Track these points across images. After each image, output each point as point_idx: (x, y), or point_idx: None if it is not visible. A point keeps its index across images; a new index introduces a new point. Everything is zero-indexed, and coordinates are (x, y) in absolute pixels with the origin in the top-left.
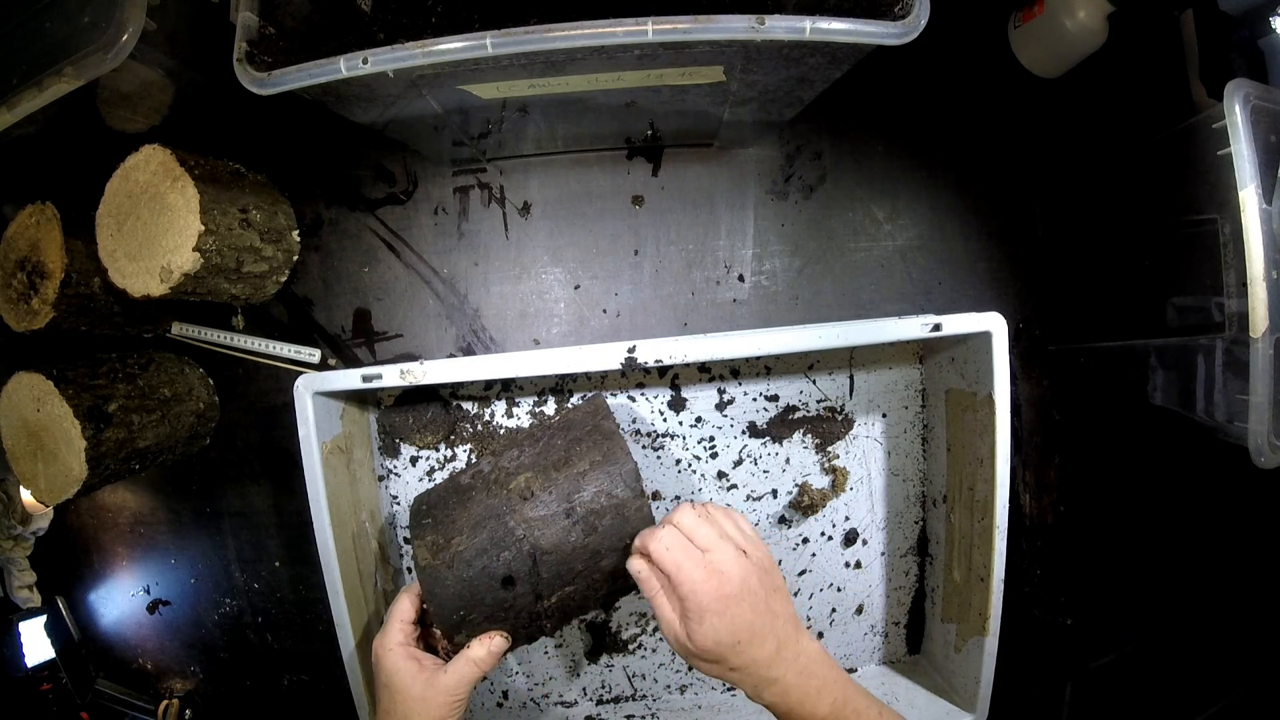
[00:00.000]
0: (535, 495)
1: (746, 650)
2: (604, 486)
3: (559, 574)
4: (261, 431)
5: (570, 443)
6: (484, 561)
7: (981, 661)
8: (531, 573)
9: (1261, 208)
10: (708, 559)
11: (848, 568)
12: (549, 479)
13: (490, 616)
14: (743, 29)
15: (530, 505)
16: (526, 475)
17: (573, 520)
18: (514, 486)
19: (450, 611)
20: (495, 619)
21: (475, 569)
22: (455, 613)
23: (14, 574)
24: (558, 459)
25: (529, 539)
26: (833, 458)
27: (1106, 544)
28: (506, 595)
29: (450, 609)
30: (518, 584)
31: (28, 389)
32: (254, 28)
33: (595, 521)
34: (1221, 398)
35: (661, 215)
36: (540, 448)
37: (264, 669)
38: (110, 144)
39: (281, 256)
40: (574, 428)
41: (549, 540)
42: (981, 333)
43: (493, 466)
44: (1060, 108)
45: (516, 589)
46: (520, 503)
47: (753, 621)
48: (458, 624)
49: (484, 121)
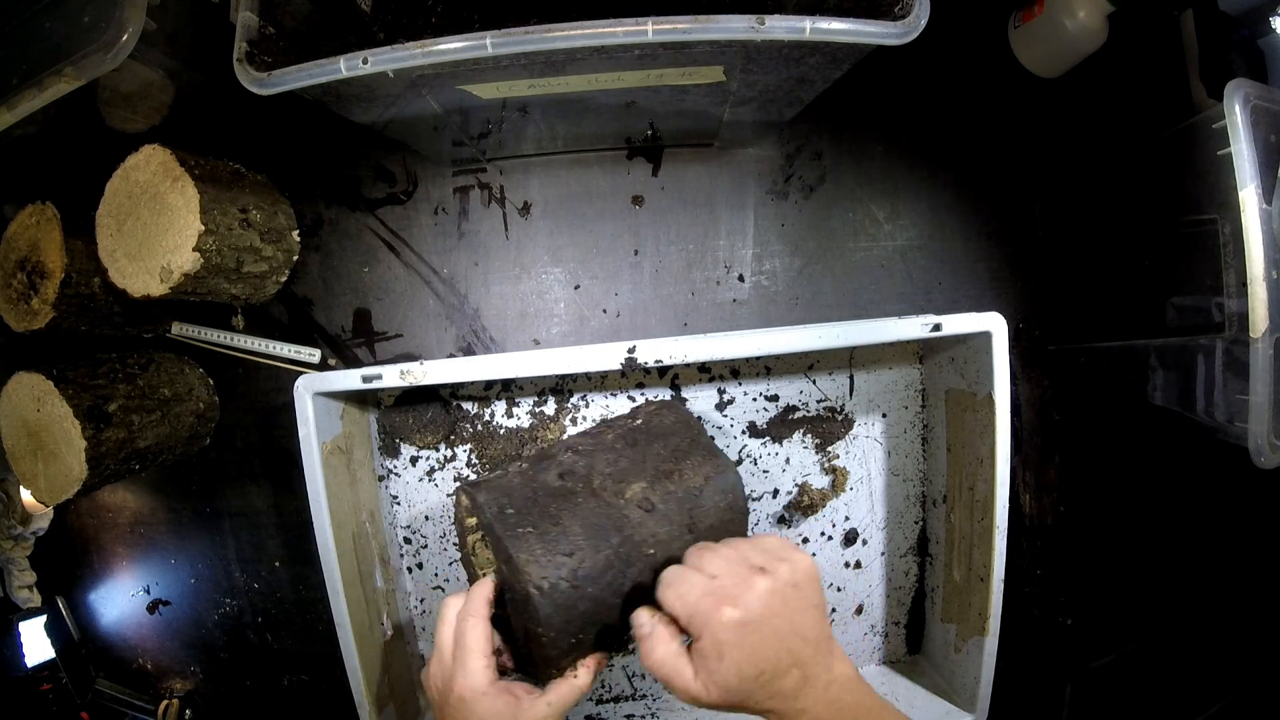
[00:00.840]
0: (656, 508)
1: (772, 682)
2: (719, 502)
3: None
4: (261, 431)
5: (674, 454)
6: (610, 579)
7: (981, 661)
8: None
9: (1261, 208)
10: (717, 585)
11: (848, 568)
12: (665, 490)
13: (601, 635)
14: (743, 29)
15: (654, 519)
16: (641, 485)
17: (694, 536)
18: (630, 496)
19: (568, 636)
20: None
21: (601, 586)
22: (574, 636)
23: (14, 574)
24: (668, 469)
25: (656, 555)
26: (833, 458)
27: (1106, 544)
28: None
29: (570, 633)
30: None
31: (28, 389)
32: (254, 28)
33: (711, 538)
34: (1221, 398)
35: (661, 215)
36: (640, 454)
37: (264, 669)
38: (110, 144)
39: (281, 256)
40: (672, 437)
41: (672, 556)
42: (981, 333)
43: (588, 469)
44: (1060, 108)
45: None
46: (644, 516)
47: (776, 648)
48: (570, 648)
49: (484, 121)
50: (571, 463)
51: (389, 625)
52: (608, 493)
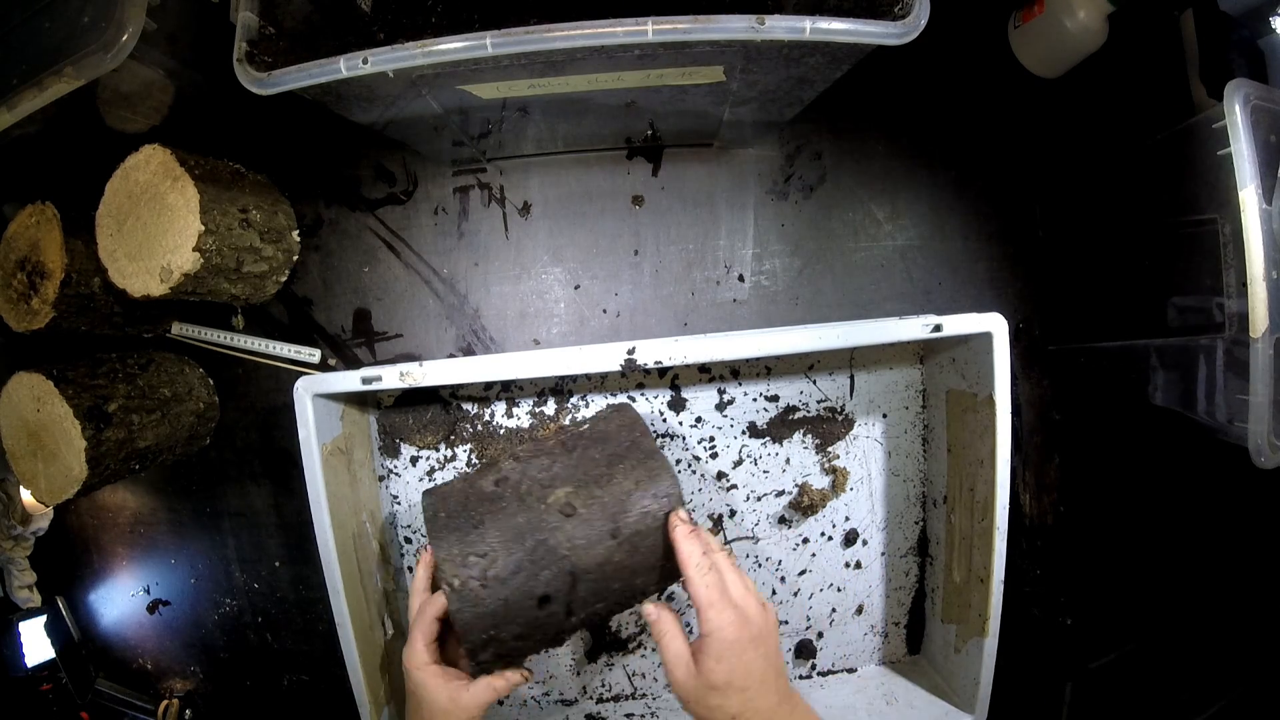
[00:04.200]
0: (578, 513)
1: (753, 698)
2: (649, 508)
3: (595, 592)
4: (261, 431)
5: (610, 459)
6: (521, 580)
7: (981, 662)
8: (569, 592)
9: (1261, 208)
10: (737, 601)
11: (848, 568)
12: (590, 494)
13: (520, 635)
14: (743, 29)
15: (574, 524)
16: (566, 490)
17: (617, 541)
18: (552, 501)
19: (480, 631)
20: (523, 636)
21: (511, 588)
22: (485, 632)
23: (14, 574)
24: (598, 474)
25: (571, 559)
26: (833, 458)
27: (1106, 544)
28: (540, 614)
29: (481, 628)
30: (553, 602)
31: (28, 389)
32: (254, 28)
33: (639, 543)
34: (1222, 398)
35: (661, 215)
36: (575, 460)
37: (264, 669)
38: (110, 144)
39: (281, 256)
40: (610, 442)
41: (591, 560)
42: (982, 333)
43: (521, 475)
44: (1060, 108)
45: (551, 607)
46: (562, 520)
47: (765, 670)
48: (485, 643)
49: (484, 121)
50: (509, 470)
51: (389, 625)
52: (532, 498)
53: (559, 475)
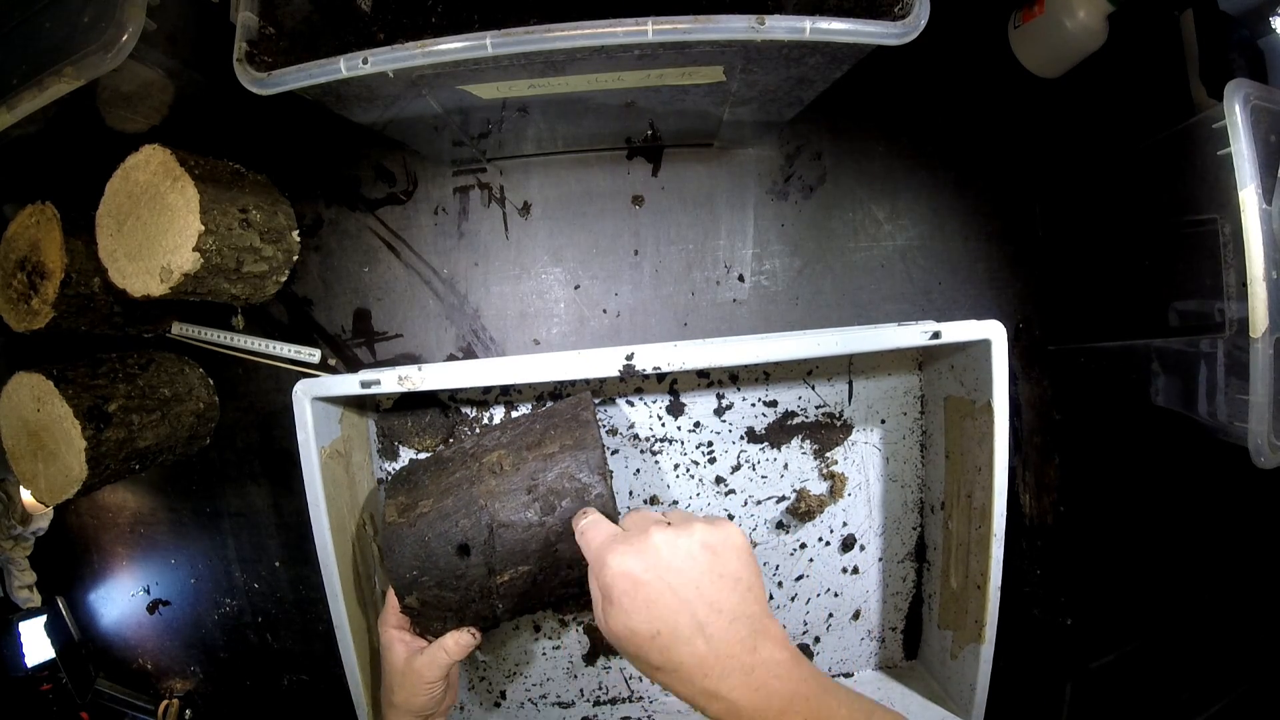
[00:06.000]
0: (504, 470)
1: (670, 648)
2: (568, 469)
3: (513, 550)
4: (261, 432)
5: (547, 428)
6: (444, 526)
7: (977, 668)
8: (487, 544)
9: (1261, 208)
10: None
11: (845, 573)
12: (520, 457)
13: (441, 582)
14: (743, 29)
15: (497, 479)
16: (500, 452)
17: (532, 497)
18: (487, 461)
19: (405, 570)
20: (446, 585)
21: (435, 532)
22: (409, 571)
23: (14, 574)
24: (532, 440)
25: (489, 509)
26: (831, 463)
27: (1106, 544)
28: (460, 563)
29: (405, 567)
30: (472, 553)
31: (28, 389)
32: (254, 28)
33: (555, 501)
34: (1223, 398)
35: (661, 215)
36: (520, 430)
37: (264, 669)
38: (110, 144)
39: (281, 256)
40: (555, 416)
41: (506, 514)
42: (981, 340)
43: (474, 444)
44: (1060, 108)
45: (470, 559)
46: (489, 476)
47: (677, 610)
48: (409, 584)
49: (484, 121)
50: (469, 440)
51: None
52: (473, 459)
53: (502, 442)
